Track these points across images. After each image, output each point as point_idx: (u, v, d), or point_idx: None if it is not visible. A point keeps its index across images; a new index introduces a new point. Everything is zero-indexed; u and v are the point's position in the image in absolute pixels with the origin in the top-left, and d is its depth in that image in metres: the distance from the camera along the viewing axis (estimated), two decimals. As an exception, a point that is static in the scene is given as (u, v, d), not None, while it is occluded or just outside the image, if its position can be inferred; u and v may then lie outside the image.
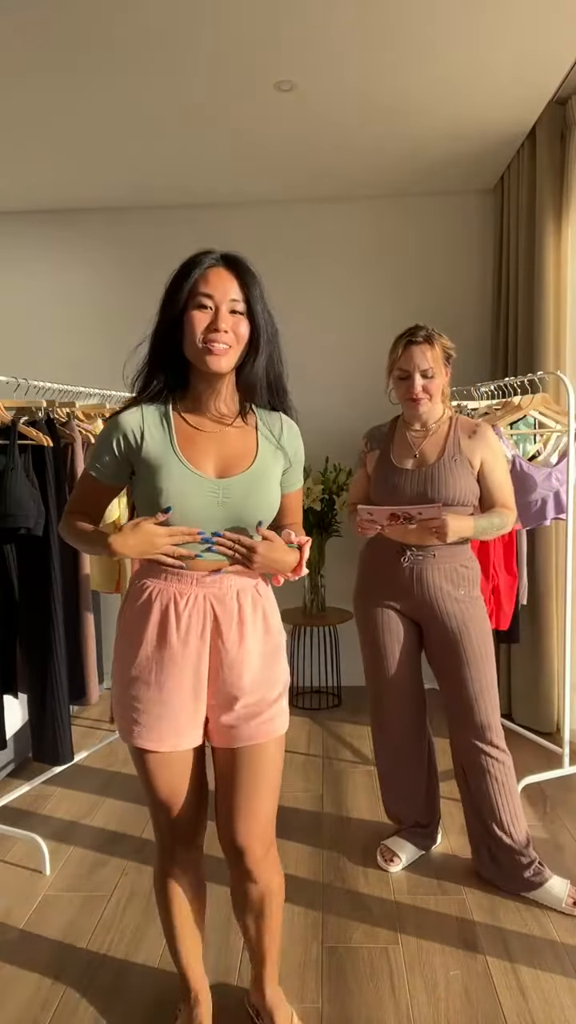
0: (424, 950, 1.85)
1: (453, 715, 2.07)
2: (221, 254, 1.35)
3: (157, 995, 1.73)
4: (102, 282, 3.86)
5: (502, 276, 3.50)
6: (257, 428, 1.41)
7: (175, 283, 1.33)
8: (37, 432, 2.26)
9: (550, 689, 3.08)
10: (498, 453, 2.02)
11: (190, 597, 1.36)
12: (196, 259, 1.33)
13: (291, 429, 1.45)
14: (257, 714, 1.39)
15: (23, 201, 3.70)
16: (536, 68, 2.54)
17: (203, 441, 1.37)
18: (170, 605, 1.36)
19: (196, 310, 1.30)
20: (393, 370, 2.01)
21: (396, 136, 3.03)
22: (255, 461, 1.38)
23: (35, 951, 1.89)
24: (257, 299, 1.33)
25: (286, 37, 2.31)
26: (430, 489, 1.97)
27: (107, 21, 2.20)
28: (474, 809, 2.06)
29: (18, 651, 2.34)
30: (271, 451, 1.40)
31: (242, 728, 1.39)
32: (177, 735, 1.38)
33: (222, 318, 1.29)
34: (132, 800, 2.67)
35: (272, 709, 1.41)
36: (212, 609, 1.37)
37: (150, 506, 1.33)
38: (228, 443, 1.38)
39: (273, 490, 1.40)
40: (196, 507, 1.32)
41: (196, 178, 3.43)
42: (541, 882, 2.00)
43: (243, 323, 1.32)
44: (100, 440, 1.40)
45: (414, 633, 2.13)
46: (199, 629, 1.36)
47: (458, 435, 2.01)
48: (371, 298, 3.78)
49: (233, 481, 1.35)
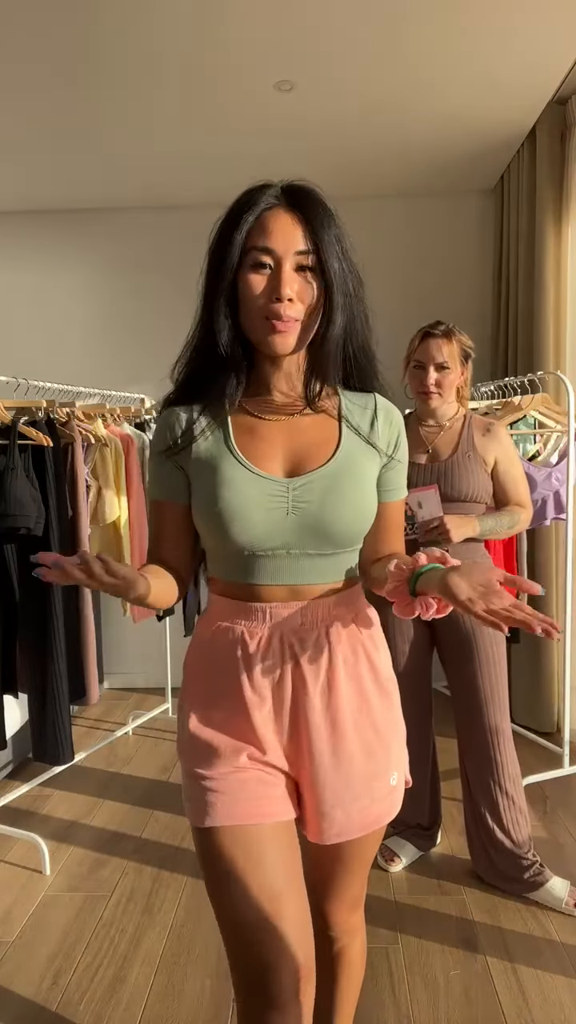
0: (424, 950, 1.85)
1: (462, 716, 2.06)
2: (282, 187, 1.01)
3: (157, 995, 1.73)
4: (102, 282, 3.86)
5: (502, 276, 3.50)
6: (340, 412, 1.07)
7: (222, 234, 1.01)
8: (37, 432, 2.26)
9: (550, 689, 3.08)
10: (511, 451, 2.02)
11: (262, 637, 1.03)
12: (249, 197, 1.00)
13: (388, 413, 1.09)
14: (356, 798, 1.03)
15: (23, 201, 3.70)
16: (536, 68, 2.54)
17: (268, 431, 1.04)
18: (235, 649, 1.04)
19: (251, 271, 0.97)
20: (410, 361, 2.03)
21: (396, 136, 3.03)
22: (336, 453, 1.03)
23: (35, 951, 1.89)
24: (332, 246, 0.99)
25: (286, 37, 2.31)
26: (443, 484, 1.97)
27: (107, 21, 2.20)
28: (476, 811, 2.06)
29: (18, 651, 2.34)
30: (360, 442, 1.06)
31: (334, 821, 1.03)
32: (254, 810, 1.01)
33: (286, 280, 0.96)
34: (132, 800, 2.67)
35: (372, 789, 1.05)
36: (291, 651, 1.03)
37: (206, 521, 1.02)
38: (302, 434, 1.04)
39: (365, 492, 1.04)
40: (258, 518, 0.99)
41: (196, 178, 3.43)
42: (542, 883, 2.00)
43: (314, 283, 0.99)
44: (151, 445, 1.12)
45: (425, 633, 2.12)
46: (274, 679, 1.03)
47: (472, 432, 2.02)
48: (370, 298, 3.77)
49: (307, 480, 1.01)
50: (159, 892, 2.12)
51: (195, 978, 1.78)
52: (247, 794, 1.00)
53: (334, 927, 1.19)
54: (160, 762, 3.00)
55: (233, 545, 1.01)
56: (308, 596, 1.04)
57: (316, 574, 1.04)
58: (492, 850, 2.05)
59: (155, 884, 2.16)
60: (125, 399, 3.43)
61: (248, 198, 1.00)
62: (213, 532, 1.02)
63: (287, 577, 1.03)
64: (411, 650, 2.10)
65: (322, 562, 1.04)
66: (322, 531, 1.01)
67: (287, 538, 1.00)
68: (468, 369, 2.04)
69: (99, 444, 2.68)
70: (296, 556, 1.02)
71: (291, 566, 1.02)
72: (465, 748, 2.07)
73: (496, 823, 2.02)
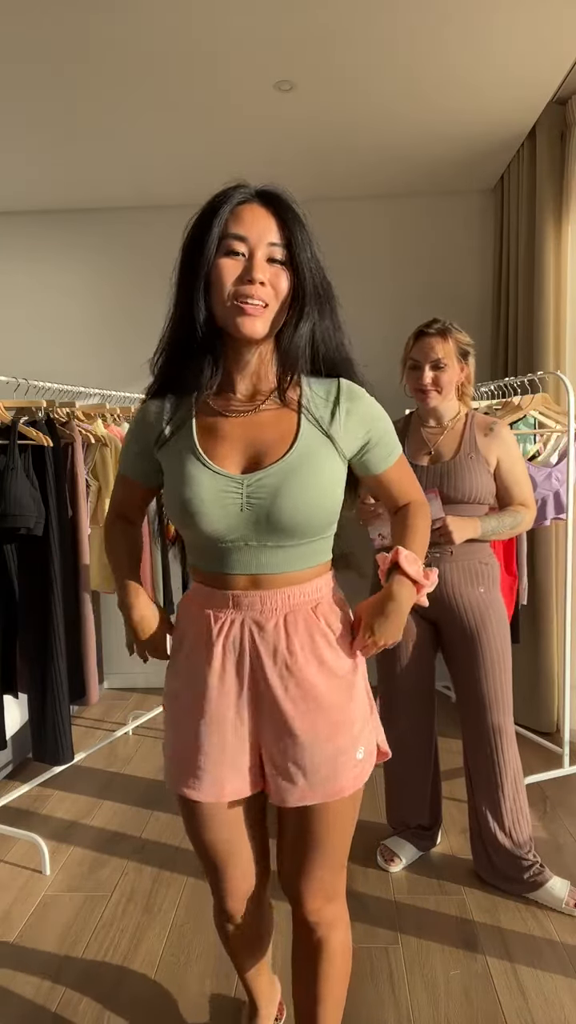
0: (424, 950, 1.85)
1: (466, 715, 2.05)
2: (257, 188, 1.07)
3: (157, 995, 1.73)
4: (102, 282, 3.86)
5: (502, 276, 3.50)
6: (300, 404, 1.09)
7: (199, 225, 1.05)
8: (37, 432, 2.26)
9: (550, 689, 3.08)
10: (514, 451, 2.00)
11: (225, 622, 1.12)
12: (225, 193, 1.05)
13: (354, 395, 1.11)
14: (316, 769, 1.11)
15: (23, 201, 3.70)
16: (536, 68, 2.54)
17: (229, 429, 1.09)
18: (203, 631, 1.14)
19: (225, 257, 1.02)
20: (407, 361, 2.03)
21: (396, 136, 3.03)
22: (292, 449, 1.06)
23: (35, 951, 1.89)
24: (303, 244, 1.05)
25: (286, 37, 2.31)
26: (446, 486, 1.95)
27: (107, 21, 2.20)
28: (478, 810, 2.06)
29: (18, 651, 2.34)
30: (319, 434, 1.08)
31: (295, 786, 1.12)
32: (217, 785, 1.14)
33: (257, 266, 1.02)
34: (132, 800, 2.67)
35: (336, 763, 1.12)
36: (251, 636, 1.11)
37: (172, 515, 1.11)
38: (261, 430, 1.08)
39: (322, 486, 1.07)
40: (216, 513, 1.06)
41: (196, 178, 3.43)
42: (542, 883, 1.99)
43: (284, 275, 1.04)
44: (128, 434, 1.21)
45: (429, 633, 2.11)
46: (234, 660, 1.12)
47: (474, 432, 2.00)
48: (370, 298, 3.78)
49: (261, 477, 1.05)
50: (159, 892, 2.12)
51: (195, 978, 1.78)
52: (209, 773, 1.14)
53: (310, 913, 1.23)
54: (160, 762, 2.99)
55: (199, 537, 1.09)
56: (269, 586, 1.10)
57: (276, 565, 1.10)
58: (492, 850, 2.05)
59: (155, 884, 2.16)
60: (125, 399, 3.43)
61: (224, 193, 1.06)
62: (181, 524, 1.10)
63: (249, 567, 1.10)
64: (415, 648, 2.09)
65: (282, 553, 1.09)
66: (276, 525, 1.05)
67: (244, 532, 1.07)
68: (469, 367, 2.02)
69: (99, 444, 2.68)
70: (255, 548, 1.08)
71: (252, 557, 1.09)
72: (469, 747, 2.07)
73: (497, 823, 2.02)
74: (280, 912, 1.62)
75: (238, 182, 1.07)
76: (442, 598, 2.01)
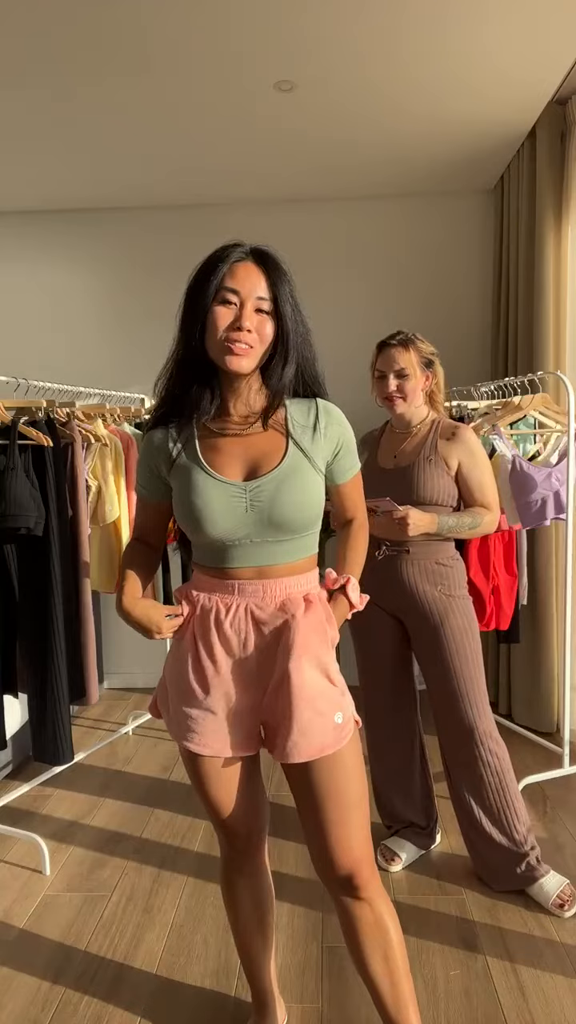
0: (424, 950, 1.85)
1: (437, 710, 2.06)
2: (251, 247, 1.26)
3: (157, 995, 1.73)
4: (102, 282, 3.86)
5: (502, 276, 3.50)
6: (287, 423, 1.32)
7: (199, 277, 1.25)
8: (37, 432, 2.26)
9: (550, 689, 3.08)
10: (477, 455, 2.04)
11: (231, 607, 1.30)
12: (223, 252, 1.24)
13: (329, 414, 1.34)
14: (304, 730, 1.27)
15: (24, 201, 3.70)
16: (536, 68, 2.54)
17: (228, 446, 1.30)
18: (210, 611, 1.31)
19: (220, 305, 1.22)
20: (373, 371, 2.10)
21: (396, 136, 3.03)
22: (283, 460, 1.28)
23: (35, 951, 1.89)
24: (286, 299, 1.25)
25: (286, 37, 2.31)
26: (405, 488, 2.01)
27: (107, 21, 2.20)
28: (461, 807, 2.06)
29: (18, 651, 2.34)
30: (300, 453, 1.30)
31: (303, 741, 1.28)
32: (224, 743, 1.31)
33: (246, 316, 1.21)
34: (132, 800, 2.67)
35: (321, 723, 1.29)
36: (253, 617, 1.30)
37: (184, 521, 1.29)
38: (255, 445, 1.30)
39: (308, 488, 1.28)
40: (224, 515, 1.25)
41: (196, 178, 3.43)
42: (536, 878, 2.00)
43: (268, 323, 1.24)
44: (139, 459, 1.39)
45: (400, 630, 2.15)
46: (237, 639, 1.30)
47: (435, 437, 2.06)
48: (370, 298, 3.78)
49: (261, 483, 1.26)
50: (159, 892, 2.13)
51: (195, 978, 1.78)
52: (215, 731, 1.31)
53: (348, 879, 1.30)
54: (160, 762, 3.00)
55: (207, 538, 1.27)
56: (271, 575, 1.30)
57: (276, 556, 1.30)
58: (482, 844, 2.05)
59: (155, 884, 2.17)
60: (125, 399, 3.43)
61: (222, 252, 1.25)
62: (191, 529, 1.29)
63: (253, 560, 1.29)
64: (387, 649, 2.14)
65: (280, 547, 1.30)
66: (275, 522, 1.26)
67: (248, 530, 1.26)
68: (437, 374, 2.10)
69: (99, 444, 2.68)
70: (258, 543, 1.28)
71: (255, 552, 1.29)
72: (443, 744, 2.07)
73: (484, 817, 2.01)
74: (284, 914, 1.62)
75: (236, 241, 1.26)
76: (403, 594, 2.05)
